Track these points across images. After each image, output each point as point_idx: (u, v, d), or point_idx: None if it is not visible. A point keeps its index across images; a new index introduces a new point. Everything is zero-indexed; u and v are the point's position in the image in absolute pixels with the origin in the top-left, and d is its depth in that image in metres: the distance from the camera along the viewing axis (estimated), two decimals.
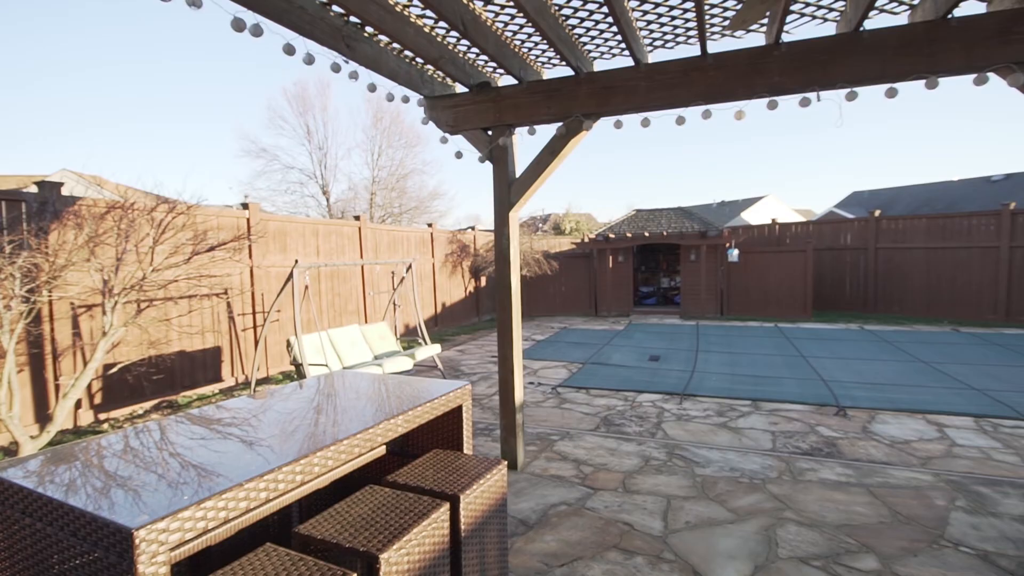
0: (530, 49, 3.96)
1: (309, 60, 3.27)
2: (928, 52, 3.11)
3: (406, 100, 4.27)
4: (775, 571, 2.73)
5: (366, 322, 9.16)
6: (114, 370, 5.11)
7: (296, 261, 5.97)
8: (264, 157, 23.20)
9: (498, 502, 2.16)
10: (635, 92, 3.76)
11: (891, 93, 3.31)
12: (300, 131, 23.62)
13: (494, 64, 4.08)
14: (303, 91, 23.74)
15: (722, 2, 3.27)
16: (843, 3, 3.28)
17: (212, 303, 6.69)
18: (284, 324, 7.54)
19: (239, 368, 7.07)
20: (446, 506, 1.86)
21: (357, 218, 9.61)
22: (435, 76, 4.26)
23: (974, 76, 3.12)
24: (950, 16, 3.07)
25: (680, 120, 3.81)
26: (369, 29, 3.47)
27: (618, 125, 4.00)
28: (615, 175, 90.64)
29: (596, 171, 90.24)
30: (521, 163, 4.23)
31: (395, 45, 3.70)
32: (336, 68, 3.53)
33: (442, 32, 3.64)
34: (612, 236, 14.03)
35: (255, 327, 7.26)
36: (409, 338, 8.24)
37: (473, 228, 13.77)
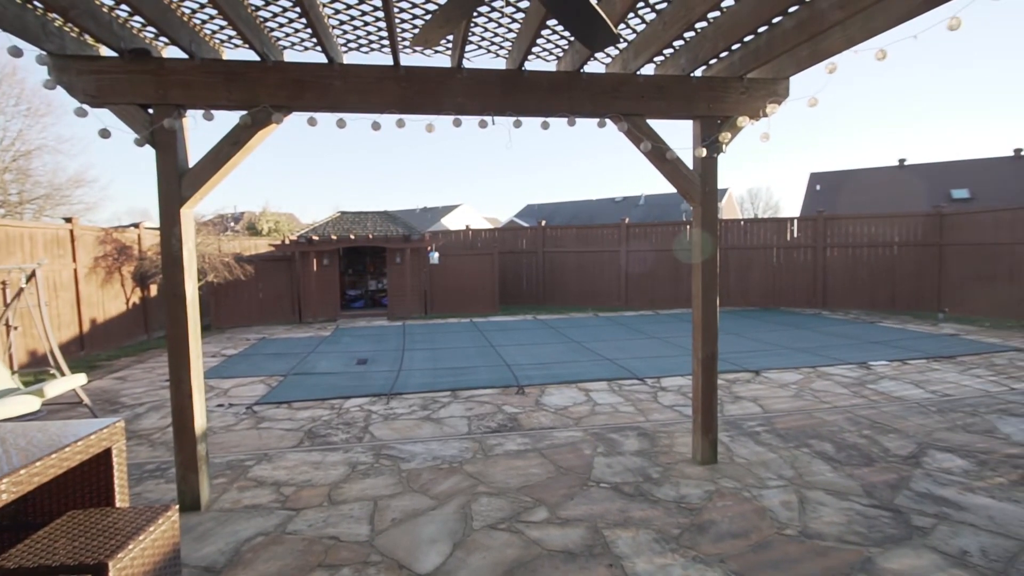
0: (204, 22, 3.44)
1: None
2: (568, 97, 3.89)
3: (18, 54, 3.16)
4: (470, 543, 3.03)
5: None
6: None
7: None
8: None
9: (167, 556, 1.81)
10: (329, 90, 3.65)
11: (545, 126, 4.02)
12: None
13: (155, 31, 3.40)
14: None
15: (412, 19, 3.46)
16: (510, 44, 3.84)
17: None
18: None
19: None
20: None
21: None
22: (68, 30, 3.30)
23: (597, 120, 4.05)
24: (582, 71, 3.91)
25: (376, 125, 3.86)
26: None
27: (312, 122, 3.81)
28: (321, 176, 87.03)
29: (300, 170, 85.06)
30: (198, 151, 3.64)
31: None
32: None
33: None
34: (316, 238, 13.38)
35: None
36: (36, 369, 6.24)
37: (138, 225, 11.26)
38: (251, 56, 3.59)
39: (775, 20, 3.35)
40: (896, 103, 76.31)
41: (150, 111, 3.50)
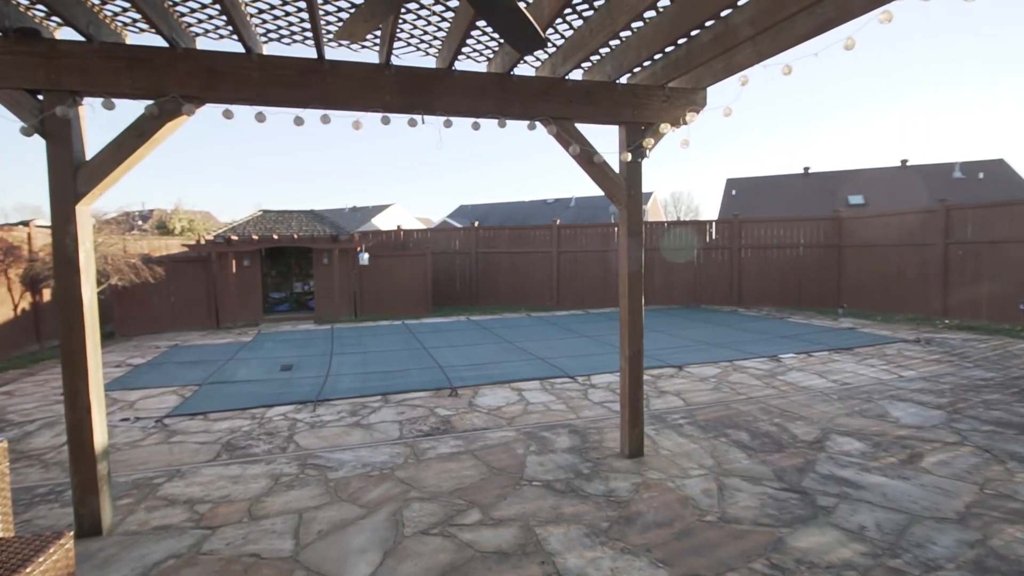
0: (104, 2, 3.15)
1: None
2: (499, 98, 3.90)
3: None
4: (402, 550, 2.97)
5: None
6: None
7: None
8: None
9: None
10: (247, 82, 3.45)
11: (475, 126, 4.01)
12: None
13: (46, 9, 3.08)
14: None
15: (337, 11, 3.34)
16: (440, 42, 3.80)
17: None
18: None
19: None
20: None
21: None
22: None
23: (528, 122, 4.09)
24: (512, 73, 3.94)
25: (299, 120, 3.70)
26: None
27: (227, 115, 3.59)
28: (241, 173, 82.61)
29: (218, 167, 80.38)
30: (97, 142, 3.33)
31: None
32: None
33: None
34: (235, 238, 12.64)
35: None
36: None
37: (28, 224, 10.16)
38: (159, 42, 3.33)
39: (693, 33, 3.52)
40: (800, 115, 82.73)
41: (40, 97, 3.16)
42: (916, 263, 11.51)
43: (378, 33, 3.57)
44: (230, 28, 3.36)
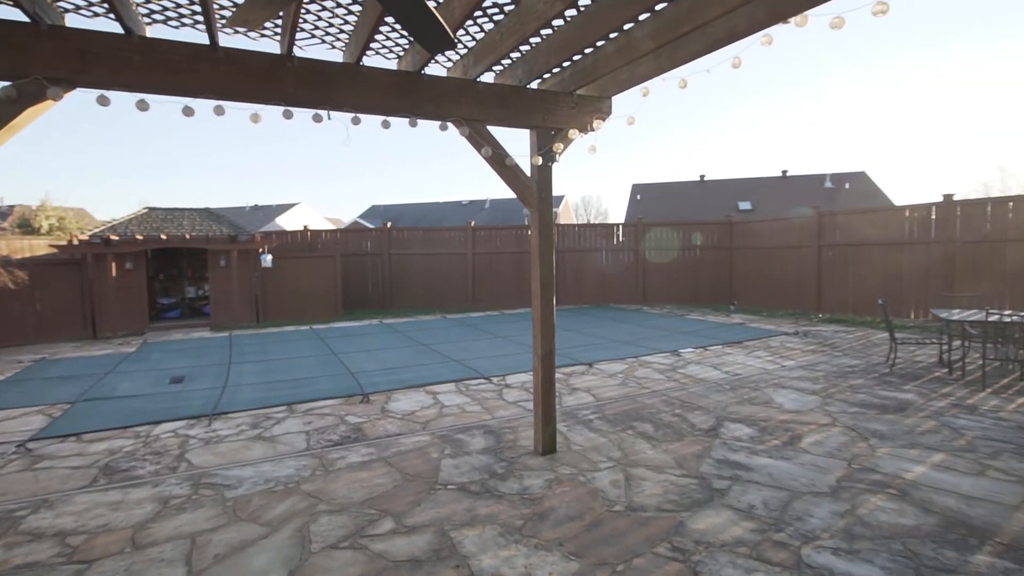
0: None
1: None
2: (410, 97, 3.83)
3: None
4: (308, 568, 2.82)
5: None
6: None
7: None
8: None
9: None
10: (126, 66, 3.13)
11: (386, 125, 3.91)
12: None
13: None
14: None
15: None
16: (347, 36, 3.66)
17: None
18: None
19: None
20: None
21: None
22: None
23: (440, 123, 4.05)
24: (424, 72, 3.88)
25: (188, 111, 3.41)
26: None
27: (103, 101, 3.23)
28: (123, 166, 74.82)
29: (96, 159, 72.29)
30: None
31: None
32: None
33: None
34: (115, 238, 11.40)
35: None
36: None
37: None
38: (20, 16, 2.93)
39: (599, 43, 3.67)
40: (696, 124, 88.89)
41: None
42: (795, 263, 12.76)
43: (279, 22, 3.38)
44: (106, 6, 3.03)
